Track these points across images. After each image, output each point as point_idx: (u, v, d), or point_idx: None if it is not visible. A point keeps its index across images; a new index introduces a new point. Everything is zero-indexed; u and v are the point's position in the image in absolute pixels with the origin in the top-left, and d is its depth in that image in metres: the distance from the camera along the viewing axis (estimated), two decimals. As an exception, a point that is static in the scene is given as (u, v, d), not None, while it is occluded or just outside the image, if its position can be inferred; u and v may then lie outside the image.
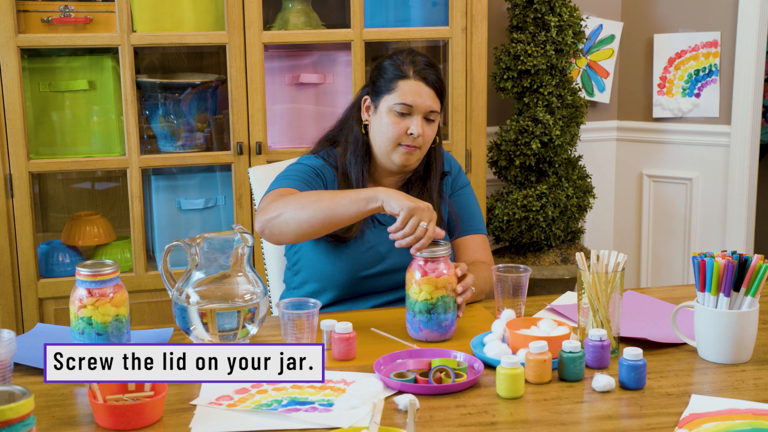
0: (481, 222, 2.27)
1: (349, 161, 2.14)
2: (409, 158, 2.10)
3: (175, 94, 3.08)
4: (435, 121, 2.11)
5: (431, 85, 2.09)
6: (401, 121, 2.08)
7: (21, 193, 2.89)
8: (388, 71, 2.11)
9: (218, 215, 3.16)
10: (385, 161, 2.13)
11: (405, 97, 2.07)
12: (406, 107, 2.07)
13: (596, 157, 3.77)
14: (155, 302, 3.03)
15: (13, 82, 2.84)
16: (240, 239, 1.80)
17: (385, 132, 2.09)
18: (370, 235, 2.13)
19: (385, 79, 2.11)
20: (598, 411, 1.51)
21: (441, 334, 1.85)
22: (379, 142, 2.11)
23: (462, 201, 2.26)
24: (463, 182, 2.28)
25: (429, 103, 2.08)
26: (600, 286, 1.71)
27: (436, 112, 2.10)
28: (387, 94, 2.09)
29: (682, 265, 3.71)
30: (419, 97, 2.07)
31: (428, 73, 2.09)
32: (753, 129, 3.51)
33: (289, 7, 3.10)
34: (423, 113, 2.08)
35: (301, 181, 2.08)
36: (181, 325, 1.81)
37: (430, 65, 2.11)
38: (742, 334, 1.70)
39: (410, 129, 2.07)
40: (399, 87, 2.08)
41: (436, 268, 1.84)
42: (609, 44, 3.68)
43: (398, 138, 2.08)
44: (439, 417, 1.49)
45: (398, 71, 2.09)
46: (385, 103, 2.09)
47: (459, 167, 2.31)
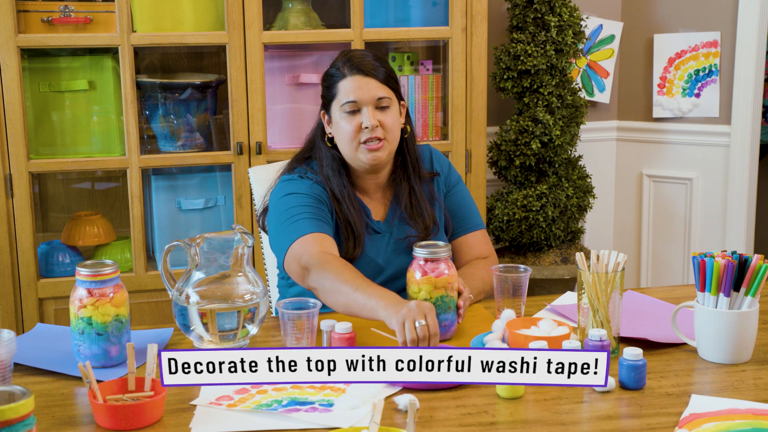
0: (478, 217, 2.26)
1: (327, 176, 2.12)
2: (376, 154, 2.07)
3: (175, 94, 3.08)
4: (390, 107, 2.09)
5: (371, 74, 2.07)
6: (353, 119, 2.07)
7: (21, 193, 2.89)
8: (329, 79, 2.12)
9: (218, 215, 3.16)
10: (357, 164, 2.11)
11: (348, 95, 2.06)
12: (352, 104, 2.06)
13: (596, 157, 3.77)
14: (155, 302, 3.03)
15: (13, 82, 2.84)
16: (240, 239, 1.80)
17: (343, 135, 2.08)
18: (368, 246, 2.12)
19: (328, 87, 2.12)
20: (598, 411, 1.51)
21: (441, 333, 1.85)
22: (343, 148, 2.10)
23: (457, 199, 2.24)
24: (455, 179, 2.26)
25: (374, 92, 2.06)
26: (600, 286, 1.71)
27: (387, 98, 2.08)
28: (333, 100, 2.10)
29: (682, 265, 3.71)
30: (361, 90, 2.06)
31: (365, 65, 2.07)
32: (753, 129, 3.51)
33: (289, 7, 3.10)
34: (371, 103, 2.06)
35: (319, 220, 2.03)
36: (181, 325, 1.81)
37: (367, 57, 2.10)
38: (742, 334, 1.70)
39: (363, 123, 2.06)
40: (340, 88, 2.08)
41: (436, 267, 1.84)
42: (609, 44, 3.68)
43: (355, 136, 2.06)
44: (439, 417, 1.49)
45: (337, 75, 2.09)
46: (335, 110, 2.10)
47: (448, 164, 2.28)
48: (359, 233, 2.08)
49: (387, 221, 2.15)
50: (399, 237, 2.13)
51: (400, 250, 2.12)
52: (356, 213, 2.09)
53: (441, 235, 2.17)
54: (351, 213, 2.08)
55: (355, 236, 2.08)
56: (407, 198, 2.15)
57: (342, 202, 2.09)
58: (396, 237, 2.13)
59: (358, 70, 2.07)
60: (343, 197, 2.09)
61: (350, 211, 2.08)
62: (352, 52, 2.12)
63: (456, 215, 2.22)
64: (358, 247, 2.07)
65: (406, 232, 2.13)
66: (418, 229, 2.12)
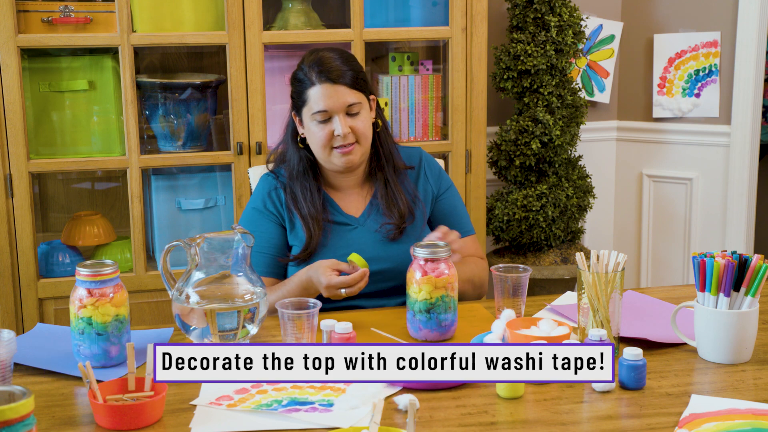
0: (469, 222, 2.29)
1: (293, 180, 2.17)
2: (349, 158, 2.11)
3: (175, 94, 3.08)
4: (360, 112, 2.11)
5: (340, 82, 2.08)
6: (325, 127, 2.09)
7: (21, 193, 2.89)
8: (298, 84, 2.13)
9: (218, 215, 3.16)
10: (330, 166, 2.15)
11: (318, 105, 2.08)
12: (322, 113, 2.09)
13: (596, 157, 3.77)
14: (155, 302, 3.03)
15: (13, 82, 2.84)
16: (240, 239, 1.80)
17: (315, 141, 2.12)
18: (336, 239, 2.15)
19: (297, 92, 2.14)
20: (598, 411, 1.51)
21: (441, 333, 1.85)
22: (316, 152, 2.14)
23: (447, 204, 2.26)
24: (446, 184, 2.28)
25: (344, 99, 2.08)
26: (600, 286, 1.71)
27: (358, 104, 2.10)
28: (304, 106, 2.12)
29: (682, 265, 3.71)
30: (330, 99, 2.07)
31: (333, 71, 2.08)
32: (753, 129, 3.51)
33: (289, 7, 3.10)
34: (342, 111, 2.09)
35: (261, 260, 2.14)
36: (181, 325, 1.81)
37: (334, 60, 2.10)
38: (742, 334, 1.70)
39: (335, 131, 2.08)
40: (310, 96, 2.10)
41: (436, 267, 1.84)
42: (609, 44, 3.68)
43: (328, 143, 2.10)
44: (439, 417, 1.49)
45: (305, 80, 2.11)
46: (306, 115, 2.12)
47: (439, 168, 2.30)
48: (314, 229, 2.12)
49: (363, 215, 2.19)
50: (374, 228, 2.15)
51: (376, 241, 2.15)
52: (315, 210, 2.14)
53: (416, 224, 2.18)
54: (310, 210, 2.13)
55: (311, 232, 2.13)
56: (383, 189, 2.19)
57: (301, 202, 2.14)
58: (371, 229, 2.16)
59: (326, 78, 2.08)
60: (305, 198, 2.15)
61: (310, 209, 2.14)
62: (319, 54, 2.12)
63: (446, 220, 2.23)
64: (314, 240, 2.12)
65: (380, 222, 2.16)
66: (392, 218, 2.14)
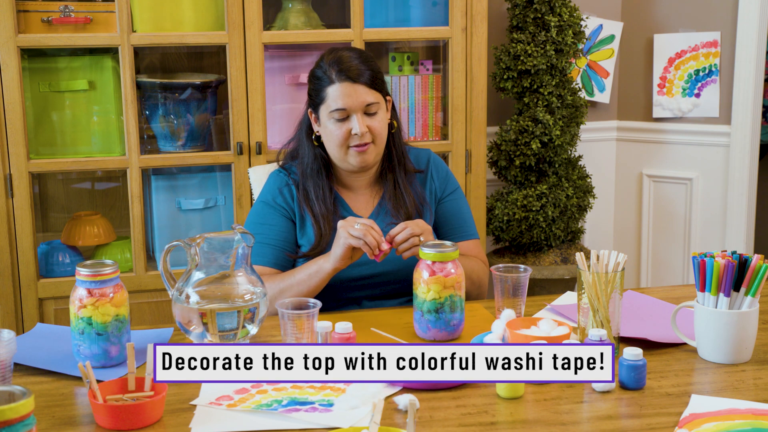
0: (473, 227, 2.29)
1: (306, 178, 2.18)
2: (364, 157, 2.12)
3: (175, 94, 3.08)
4: (378, 113, 2.12)
5: (360, 81, 2.09)
6: (342, 125, 2.10)
7: (21, 193, 2.89)
8: (316, 81, 2.14)
9: (218, 215, 3.16)
10: (344, 165, 2.16)
11: (336, 103, 2.09)
12: (341, 112, 2.09)
13: (596, 157, 3.77)
14: (155, 302, 3.03)
15: (13, 82, 2.84)
16: (240, 239, 1.80)
17: (331, 139, 2.12)
18: None
19: (316, 90, 2.14)
20: (598, 411, 1.51)
21: (449, 333, 1.85)
22: (331, 150, 2.15)
23: (452, 206, 2.26)
24: (452, 187, 2.28)
25: (363, 98, 2.09)
26: (600, 286, 1.71)
27: (376, 103, 2.11)
28: (322, 104, 2.12)
29: (682, 265, 3.71)
30: (350, 98, 2.08)
31: (352, 70, 2.09)
32: (753, 129, 3.51)
33: (289, 7, 3.10)
34: (360, 110, 2.09)
35: (264, 245, 2.14)
36: (180, 325, 1.81)
37: (353, 59, 2.11)
38: (742, 334, 1.70)
39: (353, 130, 2.09)
40: (329, 94, 2.10)
41: (444, 267, 1.84)
42: (609, 44, 3.68)
43: (345, 142, 2.11)
44: (439, 417, 1.49)
45: (324, 78, 2.11)
46: (323, 113, 2.12)
47: (446, 170, 2.30)
48: (325, 228, 2.13)
49: (372, 215, 2.20)
50: (381, 229, 2.16)
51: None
52: (327, 210, 2.14)
53: None
54: (321, 209, 2.14)
55: (321, 231, 2.13)
56: (392, 190, 2.19)
57: (313, 201, 2.15)
58: None
59: (346, 77, 2.09)
60: (317, 196, 2.15)
61: (321, 208, 2.14)
62: (339, 54, 2.13)
63: (449, 223, 2.23)
64: (324, 239, 2.13)
65: (387, 223, 2.17)
66: (399, 219, 2.15)
